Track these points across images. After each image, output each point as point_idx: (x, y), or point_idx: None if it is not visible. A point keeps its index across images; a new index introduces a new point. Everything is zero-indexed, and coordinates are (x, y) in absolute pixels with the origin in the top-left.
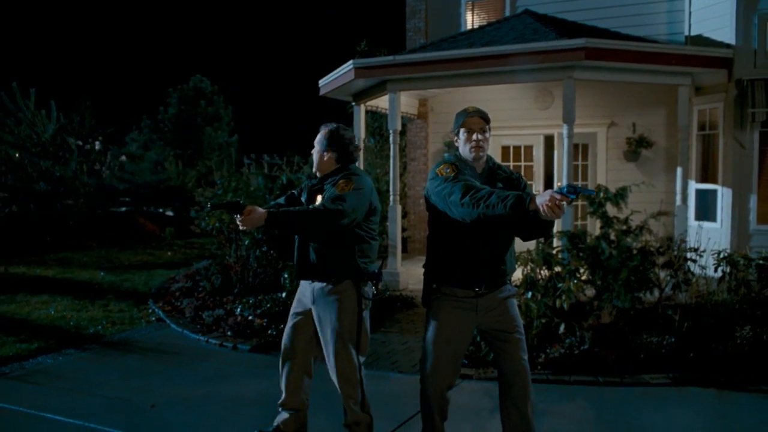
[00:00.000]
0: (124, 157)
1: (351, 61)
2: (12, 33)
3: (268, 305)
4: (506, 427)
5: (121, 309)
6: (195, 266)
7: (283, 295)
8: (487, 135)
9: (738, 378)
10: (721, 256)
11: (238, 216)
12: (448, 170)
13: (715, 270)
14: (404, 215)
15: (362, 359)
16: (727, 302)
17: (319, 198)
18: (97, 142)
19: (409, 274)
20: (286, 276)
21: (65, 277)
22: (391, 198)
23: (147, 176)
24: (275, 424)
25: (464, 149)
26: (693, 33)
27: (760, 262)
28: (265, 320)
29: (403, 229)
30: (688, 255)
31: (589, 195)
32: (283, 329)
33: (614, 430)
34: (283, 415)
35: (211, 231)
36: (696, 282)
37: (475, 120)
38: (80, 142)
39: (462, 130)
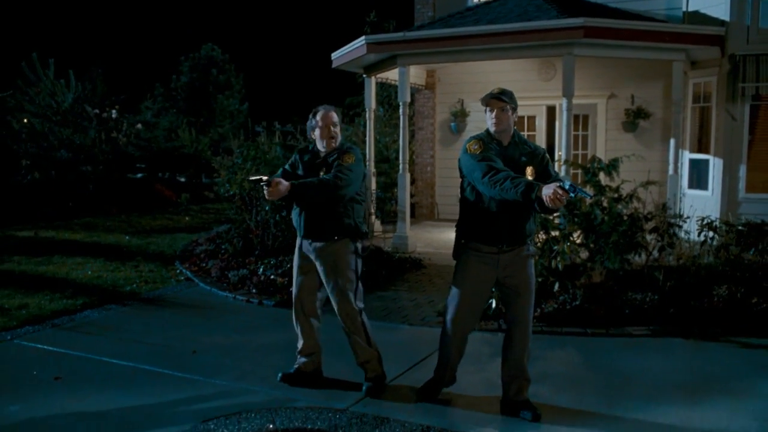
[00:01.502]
0: (140, 125)
1: (363, 37)
2: (26, 2)
3: (288, 265)
4: (504, 369)
5: (151, 270)
6: (215, 230)
7: None
8: (508, 113)
9: (712, 330)
10: (705, 222)
11: (266, 188)
12: (476, 147)
13: (698, 235)
14: (412, 182)
15: (362, 305)
16: (708, 264)
17: (322, 171)
18: (113, 111)
19: (417, 238)
20: None
21: (93, 240)
22: (401, 166)
23: (161, 143)
24: (296, 366)
25: (489, 125)
26: (690, 9)
27: (740, 228)
28: (287, 279)
29: (411, 195)
30: (672, 221)
31: (585, 197)
32: None
33: (598, 372)
34: (302, 360)
35: (232, 197)
36: (680, 246)
37: (494, 101)
38: (97, 111)
39: (486, 109)
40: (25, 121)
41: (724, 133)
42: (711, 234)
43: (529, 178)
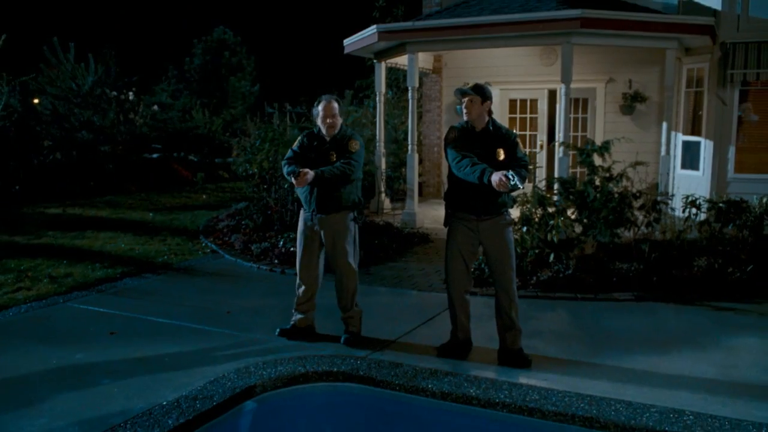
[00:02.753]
0: (156, 107)
1: (374, 26)
2: None
3: None
4: (498, 323)
5: (178, 243)
6: (234, 207)
7: None
8: (476, 104)
9: (689, 296)
10: (689, 200)
11: (295, 179)
12: (452, 135)
13: (683, 212)
14: (420, 162)
15: (356, 267)
16: (690, 238)
17: (332, 155)
18: (130, 93)
19: (425, 215)
20: None
21: (119, 217)
22: (410, 147)
23: (176, 124)
24: (292, 322)
25: (462, 114)
26: None
27: (720, 205)
28: None
29: (419, 175)
30: (659, 198)
31: (515, 187)
32: None
33: (584, 329)
34: (298, 316)
35: (251, 176)
36: (670, 221)
37: (461, 95)
38: (115, 93)
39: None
40: (36, 101)
41: (715, 117)
42: (694, 211)
43: (501, 158)
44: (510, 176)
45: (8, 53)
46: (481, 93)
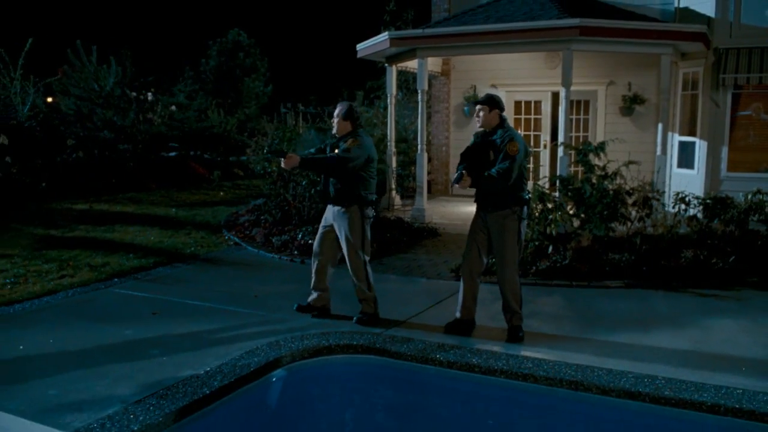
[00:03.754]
0: (174, 107)
1: (386, 33)
2: None
3: None
4: (503, 305)
5: (202, 236)
6: (252, 203)
7: None
8: (485, 112)
9: (675, 284)
10: (679, 197)
11: (282, 159)
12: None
13: (673, 207)
14: (428, 160)
15: (367, 257)
16: (681, 232)
17: (336, 150)
18: (149, 93)
19: (434, 211)
20: None
21: (144, 212)
22: (419, 147)
23: (193, 124)
24: (308, 300)
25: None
26: (681, 5)
27: (707, 201)
28: None
29: (428, 173)
30: (650, 195)
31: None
32: None
33: (576, 311)
34: (314, 295)
35: (269, 174)
36: (663, 216)
37: (473, 106)
38: (134, 93)
39: None
40: (49, 99)
41: (709, 118)
42: (683, 206)
43: (491, 159)
44: (455, 177)
45: (32, 55)
46: (491, 103)
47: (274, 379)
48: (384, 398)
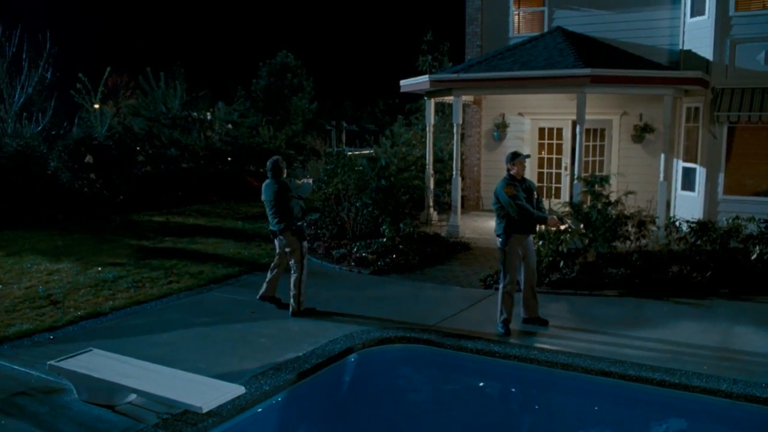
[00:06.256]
0: (230, 126)
1: (427, 76)
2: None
3: (375, 246)
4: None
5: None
6: (308, 218)
7: (383, 240)
8: (523, 164)
9: (661, 294)
10: (671, 221)
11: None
12: (510, 189)
13: (665, 229)
14: (462, 179)
15: (305, 271)
16: (670, 250)
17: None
18: (208, 113)
19: (466, 226)
20: (384, 228)
21: (215, 225)
22: (454, 173)
23: (245, 140)
24: (260, 293)
25: (515, 171)
26: (685, 48)
27: (693, 225)
28: (375, 256)
29: (461, 189)
30: (644, 218)
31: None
32: (386, 262)
33: (576, 314)
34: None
35: (329, 195)
36: (656, 236)
37: (522, 162)
38: (195, 113)
39: (516, 162)
40: (116, 117)
41: (708, 148)
42: (672, 230)
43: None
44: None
45: (94, 72)
46: (525, 157)
47: (349, 362)
48: (427, 375)
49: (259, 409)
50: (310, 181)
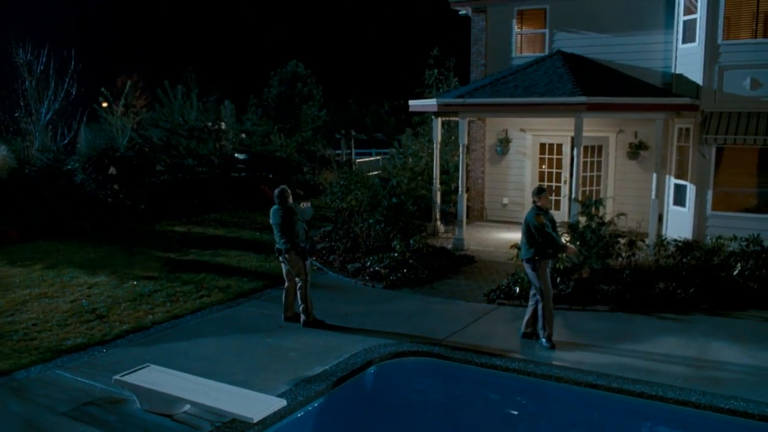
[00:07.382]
0: (243, 135)
1: (435, 99)
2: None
3: (387, 261)
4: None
5: None
6: (322, 229)
7: (395, 254)
8: (546, 197)
9: (648, 309)
10: (660, 240)
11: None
12: (540, 219)
13: (654, 248)
14: (467, 190)
15: (310, 280)
16: (659, 267)
17: None
18: (222, 123)
19: (471, 238)
20: (395, 243)
21: (235, 236)
22: (460, 189)
23: (258, 148)
24: (284, 315)
25: (541, 203)
26: (677, 71)
27: (679, 243)
28: (387, 270)
29: (466, 200)
30: (633, 238)
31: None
32: (397, 276)
33: (570, 328)
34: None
35: (343, 209)
36: (646, 253)
37: (546, 195)
38: (210, 123)
39: (542, 196)
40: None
41: (697, 167)
42: (659, 248)
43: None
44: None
45: (109, 79)
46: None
47: (369, 373)
48: (438, 384)
49: (298, 415)
50: (309, 204)
